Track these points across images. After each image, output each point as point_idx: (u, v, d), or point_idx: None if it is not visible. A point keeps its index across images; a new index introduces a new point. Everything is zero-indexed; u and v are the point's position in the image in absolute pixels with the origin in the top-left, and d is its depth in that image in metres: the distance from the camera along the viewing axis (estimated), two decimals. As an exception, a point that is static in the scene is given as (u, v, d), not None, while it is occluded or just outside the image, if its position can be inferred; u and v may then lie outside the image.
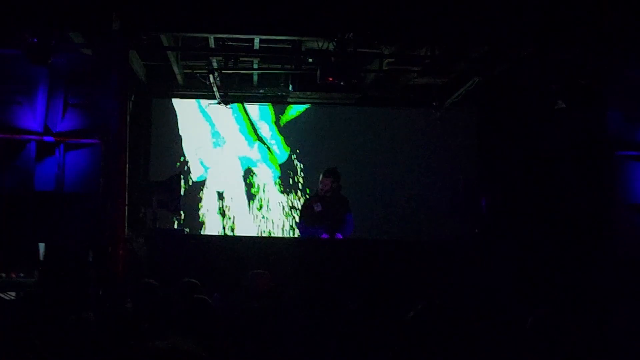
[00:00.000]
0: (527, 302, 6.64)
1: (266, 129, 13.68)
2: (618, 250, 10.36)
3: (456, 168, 13.26)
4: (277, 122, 13.66)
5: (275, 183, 13.60)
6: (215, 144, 13.59)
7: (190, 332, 4.94)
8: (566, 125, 11.55)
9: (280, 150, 13.65)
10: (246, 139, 13.65)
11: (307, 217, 10.90)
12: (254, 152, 13.65)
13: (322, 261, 9.83)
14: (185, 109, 13.49)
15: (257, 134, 13.65)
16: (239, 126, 13.61)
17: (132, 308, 6.71)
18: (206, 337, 4.88)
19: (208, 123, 13.51)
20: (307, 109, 13.63)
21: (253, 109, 13.61)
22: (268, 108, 13.61)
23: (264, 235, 13.31)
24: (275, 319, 6.23)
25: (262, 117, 13.65)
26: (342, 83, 9.59)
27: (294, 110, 13.66)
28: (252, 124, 13.62)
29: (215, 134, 13.57)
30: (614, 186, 10.79)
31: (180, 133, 13.46)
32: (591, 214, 10.84)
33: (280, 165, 13.65)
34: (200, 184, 13.52)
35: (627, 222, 10.64)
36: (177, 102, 13.42)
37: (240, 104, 13.39)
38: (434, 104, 12.44)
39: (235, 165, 13.63)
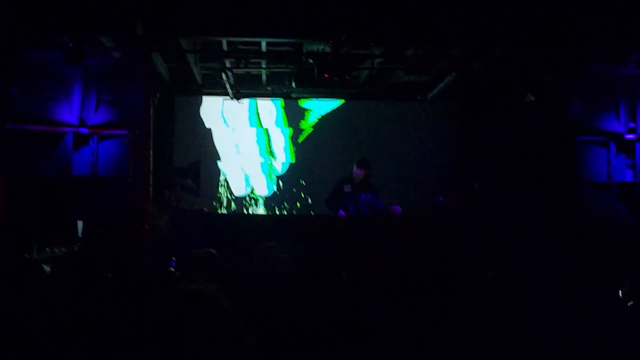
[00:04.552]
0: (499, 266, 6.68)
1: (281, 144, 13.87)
2: (577, 219, 10.44)
3: (439, 154, 13.33)
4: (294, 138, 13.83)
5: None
6: (237, 152, 13.74)
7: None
8: (535, 115, 11.59)
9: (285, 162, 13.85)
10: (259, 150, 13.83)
11: (335, 196, 10.85)
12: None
13: (324, 235, 9.90)
14: (210, 115, 13.67)
15: (271, 150, 13.81)
16: (257, 137, 13.80)
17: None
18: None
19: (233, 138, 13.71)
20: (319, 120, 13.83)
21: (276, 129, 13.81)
22: (288, 129, 13.79)
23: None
24: (277, 284, 6.28)
25: (283, 132, 13.82)
26: (336, 79, 9.67)
27: (311, 119, 13.84)
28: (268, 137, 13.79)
29: (237, 146, 13.74)
30: (575, 166, 10.87)
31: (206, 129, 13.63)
32: (556, 190, 10.91)
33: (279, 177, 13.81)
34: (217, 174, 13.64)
35: (585, 197, 10.73)
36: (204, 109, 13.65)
37: (265, 129, 13.69)
38: (418, 97, 12.49)
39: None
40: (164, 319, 2.26)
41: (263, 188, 13.69)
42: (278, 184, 13.69)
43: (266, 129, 13.77)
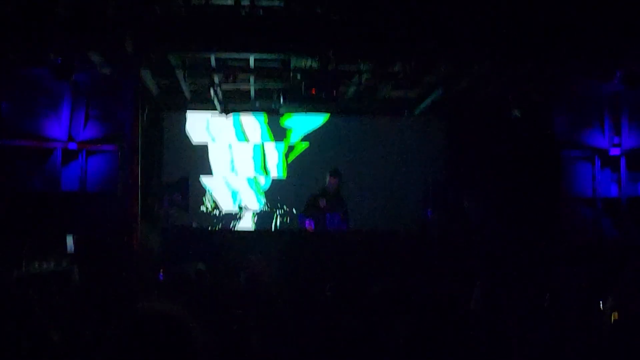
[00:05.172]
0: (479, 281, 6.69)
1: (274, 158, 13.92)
2: (563, 235, 10.47)
3: (426, 169, 13.36)
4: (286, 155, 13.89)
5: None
6: (232, 169, 13.78)
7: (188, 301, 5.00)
8: (520, 130, 11.64)
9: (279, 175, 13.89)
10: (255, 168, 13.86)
11: (310, 210, 11.09)
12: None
13: (309, 250, 9.96)
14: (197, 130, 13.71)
15: (265, 167, 13.84)
16: (253, 153, 13.84)
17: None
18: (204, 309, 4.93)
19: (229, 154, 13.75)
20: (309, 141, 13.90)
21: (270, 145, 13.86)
22: (282, 144, 13.83)
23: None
24: (266, 298, 6.28)
25: (277, 147, 13.87)
26: (323, 95, 9.69)
27: (293, 138, 13.89)
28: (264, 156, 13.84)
29: (232, 162, 13.78)
30: (559, 181, 10.90)
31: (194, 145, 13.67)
32: (542, 205, 10.94)
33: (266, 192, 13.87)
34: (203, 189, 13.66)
35: (571, 212, 10.77)
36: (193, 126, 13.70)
37: (261, 146, 13.75)
38: (406, 113, 12.51)
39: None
40: (122, 339, 2.23)
41: (253, 203, 13.71)
42: (267, 199, 13.71)
43: (262, 145, 13.79)
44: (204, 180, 13.51)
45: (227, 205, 13.59)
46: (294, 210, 13.21)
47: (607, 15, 9.29)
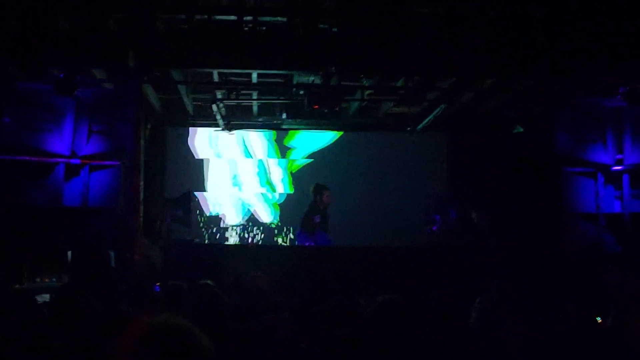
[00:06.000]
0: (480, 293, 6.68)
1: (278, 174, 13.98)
2: (565, 250, 10.43)
3: (428, 184, 13.37)
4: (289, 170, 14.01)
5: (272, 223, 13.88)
6: (234, 184, 13.83)
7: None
8: (522, 145, 11.65)
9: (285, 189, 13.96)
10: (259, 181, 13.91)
11: (307, 227, 11.18)
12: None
13: (311, 265, 9.98)
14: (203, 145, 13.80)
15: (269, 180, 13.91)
16: (258, 169, 13.90)
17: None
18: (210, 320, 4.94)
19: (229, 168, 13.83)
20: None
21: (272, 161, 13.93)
22: (287, 162, 13.93)
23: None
24: (268, 312, 6.27)
25: (280, 164, 13.94)
26: (326, 110, 9.71)
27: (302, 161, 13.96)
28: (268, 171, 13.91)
29: (234, 177, 13.85)
30: (561, 197, 10.87)
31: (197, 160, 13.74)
32: (542, 221, 10.91)
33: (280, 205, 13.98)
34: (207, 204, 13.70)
35: (572, 228, 10.74)
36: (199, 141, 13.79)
37: (260, 160, 13.88)
38: (408, 129, 12.52)
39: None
40: (127, 353, 2.21)
41: (265, 216, 13.81)
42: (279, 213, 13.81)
43: (261, 160, 13.86)
44: (211, 194, 13.61)
45: (234, 220, 13.65)
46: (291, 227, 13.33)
47: (610, 31, 9.32)
